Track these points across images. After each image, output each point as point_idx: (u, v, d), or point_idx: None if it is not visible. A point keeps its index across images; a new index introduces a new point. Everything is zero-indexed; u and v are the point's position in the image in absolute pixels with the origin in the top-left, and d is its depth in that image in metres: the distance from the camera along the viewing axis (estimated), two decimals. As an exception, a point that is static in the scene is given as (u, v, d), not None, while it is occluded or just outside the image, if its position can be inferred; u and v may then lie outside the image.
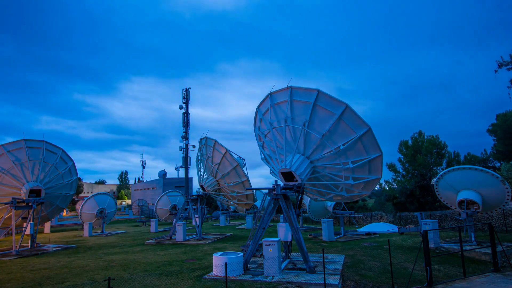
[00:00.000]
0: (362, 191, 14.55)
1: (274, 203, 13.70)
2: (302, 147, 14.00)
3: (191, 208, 24.49)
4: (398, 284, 10.86)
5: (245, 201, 24.27)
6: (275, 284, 10.62)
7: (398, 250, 16.59)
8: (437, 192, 18.82)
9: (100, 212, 31.12)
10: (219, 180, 23.96)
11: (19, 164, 21.49)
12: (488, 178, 16.33)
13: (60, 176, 23.43)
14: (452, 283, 10.87)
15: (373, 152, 13.03)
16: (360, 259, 14.83)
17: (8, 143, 21.58)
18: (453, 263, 13.48)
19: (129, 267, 14.08)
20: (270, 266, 11.58)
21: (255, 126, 16.51)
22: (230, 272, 11.48)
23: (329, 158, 13.75)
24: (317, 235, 22.88)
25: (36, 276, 13.01)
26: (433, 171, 32.41)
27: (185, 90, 25.57)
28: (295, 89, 13.48)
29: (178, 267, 13.75)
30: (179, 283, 11.15)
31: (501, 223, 22.60)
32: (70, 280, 12.15)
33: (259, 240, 13.22)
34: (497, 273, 11.82)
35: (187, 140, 25.04)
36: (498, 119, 32.43)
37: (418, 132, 34.95)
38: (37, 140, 22.56)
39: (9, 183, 21.32)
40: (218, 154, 22.86)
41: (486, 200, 16.81)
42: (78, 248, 21.06)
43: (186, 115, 25.26)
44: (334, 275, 11.33)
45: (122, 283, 11.35)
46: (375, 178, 13.69)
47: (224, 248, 18.86)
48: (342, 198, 15.56)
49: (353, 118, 12.67)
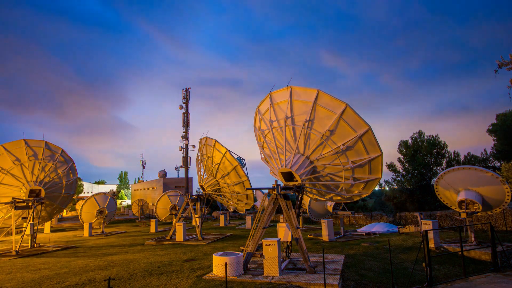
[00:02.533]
0: (362, 191, 14.56)
1: (274, 203, 13.69)
2: (302, 147, 14.00)
3: (191, 208, 24.49)
4: (398, 284, 10.86)
5: (245, 201, 24.26)
6: (275, 284, 10.62)
7: (398, 250, 16.59)
8: (437, 192, 18.81)
9: (100, 212, 31.12)
10: (219, 180, 23.95)
11: (19, 164, 21.50)
12: (488, 178, 16.33)
13: (60, 176, 23.44)
14: (452, 283, 10.87)
15: (373, 152, 13.04)
16: (360, 259, 14.83)
17: (8, 143, 21.61)
18: (453, 263, 13.48)
19: (129, 267, 14.07)
20: (270, 266, 11.58)
21: (255, 126, 16.50)
22: (230, 272, 11.49)
23: (329, 158, 13.75)
24: (317, 235, 22.87)
25: (36, 276, 13.01)
26: (433, 171, 32.42)
27: (185, 90, 25.56)
28: (295, 89, 13.49)
29: (178, 267, 13.75)
30: (179, 283, 11.15)
31: (501, 223, 22.60)
32: (70, 280, 12.15)
33: (259, 240, 13.22)
34: (497, 273, 11.82)
35: (187, 140, 25.03)
36: (498, 119, 32.42)
37: (418, 132, 34.95)
38: (37, 140, 22.59)
39: (9, 183, 21.33)
40: (218, 154, 22.86)
41: (486, 200, 16.81)
42: (78, 248, 21.05)
43: (186, 115, 25.25)
44: (334, 275, 11.33)
45: (122, 283, 11.35)
46: (375, 178, 13.70)
47: (224, 248, 18.86)
48: (342, 198, 15.56)
49: (353, 117, 12.67)
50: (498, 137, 31.53)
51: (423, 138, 34.42)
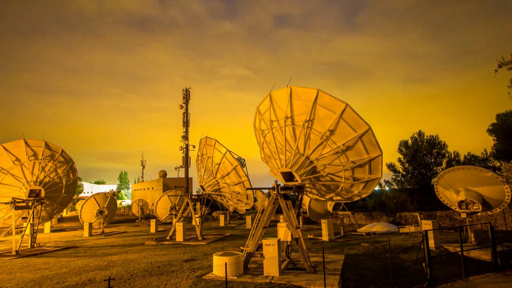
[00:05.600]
0: (362, 191, 14.55)
1: (274, 203, 13.69)
2: (302, 147, 14.00)
3: (191, 208, 24.48)
4: (398, 284, 10.85)
5: (245, 201, 24.26)
6: (275, 284, 10.62)
7: (398, 250, 16.59)
8: (437, 192, 18.81)
9: (100, 212, 31.11)
10: (219, 180, 23.95)
11: (19, 164, 21.50)
12: (488, 178, 16.33)
13: (60, 176, 23.43)
14: (452, 283, 10.87)
15: (373, 152, 13.03)
16: (360, 259, 14.83)
17: (8, 143, 21.60)
18: (453, 263, 13.47)
19: (129, 267, 14.07)
20: (270, 266, 11.57)
21: (255, 126, 16.49)
22: (230, 272, 11.49)
23: (329, 158, 13.75)
24: (317, 235, 22.87)
25: (36, 276, 13.01)
26: (433, 171, 32.41)
27: (185, 90, 25.56)
28: (295, 89, 13.47)
29: (178, 267, 13.74)
30: (179, 283, 11.15)
31: (501, 223, 22.60)
32: (70, 280, 12.15)
33: (259, 240, 13.21)
34: (497, 273, 11.82)
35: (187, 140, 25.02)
36: (498, 119, 32.38)
37: (418, 132, 34.94)
38: (37, 140, 22.58)
39: (9, 183, 21.32)
40: (218, 154, 22.87)
41: (486, 200, 16.81)
42: (78, 248, 21.05)
43: (186, 115, 25.22)
44: (334, 275, 11.33)
45: (122, 283, 11.35)
46: (375, 178, 13.69)
47: (224, 248, 18.86)
48: (342, 198, 15.55)
49: (353, 117, 12.66)
50: (498, 137, 31.49)
51: (423, 138, 34.42)
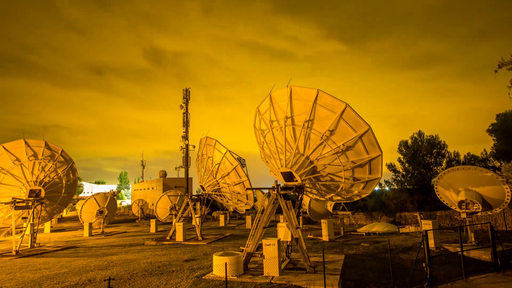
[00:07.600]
0: (362, 191, 14.55)
1: (274, 203, 13.69)
2: (302, 147, 14.00)
3: (191, 208, 24.48)
4: (398, 284, 10.86)
5: (245, 201, 24.25)
6: (275, 284, 10.62)
7: (398, 250, 16.58)
8: (437, 192, 18.81)
9: (100, 212, 31.11)
10: (219, 180, 23.95)
11: (19, 164, 21.49)
12: (488, 178, 16.33)
13: (60, 176, 23.42)
14: (452, 283, 10.88)
15: (373, 152, 13.03)
16: (360, 259, 14.82)
17: (8, 143, 21.60)
18: (453, 263, 13.47)
19: (129, 267, 14.07)
20: (270, 266, 11.57)
21: (255, 126, 16.50)
22: (230, 272, 11.49)
23: (329, 158, 13.74)
24: (317, 235, 22.87)
25: (36, 276, 13.00)
26: (433, 171, 32.41)
27: (185, 90, 25.55)
28: (295, 89, 13.48)
29: (178, 267, 13.74)
30: (179, 283, 11.15)
31: (501, 223, 22.61)
32: (70, 280, 12.15)
33: (259, 240, 13.21)
34: (497, 273, 11.82)
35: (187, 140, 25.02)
36: (498, 119, 32.39)
37: (418, 132, 34.94)
38: (37, 140, 22.58)
39: (9, 183, 21.31)
40: (218, 154, 22.87)
41: (486, 200, 16.81)
42: (78, 248, 21.05)
43: (186, 115, 25.22)
44: (334, 275, 11.33)
45: (122, 283, 11.35)
46: (375, 178, 13.69)
47: (224, 248, 18.86)
48: (342, 198, 15.56)
49: (353, 117, 12.67)
50: (498, 137, 31.50)
51: (423, 138, 34.43)
